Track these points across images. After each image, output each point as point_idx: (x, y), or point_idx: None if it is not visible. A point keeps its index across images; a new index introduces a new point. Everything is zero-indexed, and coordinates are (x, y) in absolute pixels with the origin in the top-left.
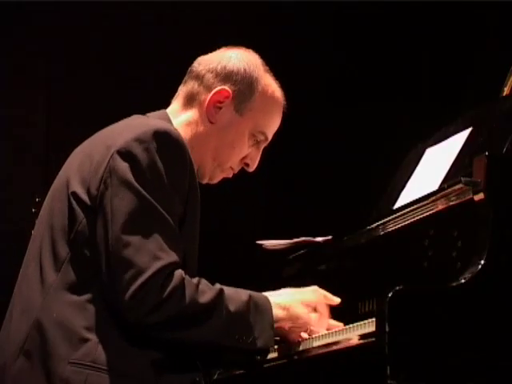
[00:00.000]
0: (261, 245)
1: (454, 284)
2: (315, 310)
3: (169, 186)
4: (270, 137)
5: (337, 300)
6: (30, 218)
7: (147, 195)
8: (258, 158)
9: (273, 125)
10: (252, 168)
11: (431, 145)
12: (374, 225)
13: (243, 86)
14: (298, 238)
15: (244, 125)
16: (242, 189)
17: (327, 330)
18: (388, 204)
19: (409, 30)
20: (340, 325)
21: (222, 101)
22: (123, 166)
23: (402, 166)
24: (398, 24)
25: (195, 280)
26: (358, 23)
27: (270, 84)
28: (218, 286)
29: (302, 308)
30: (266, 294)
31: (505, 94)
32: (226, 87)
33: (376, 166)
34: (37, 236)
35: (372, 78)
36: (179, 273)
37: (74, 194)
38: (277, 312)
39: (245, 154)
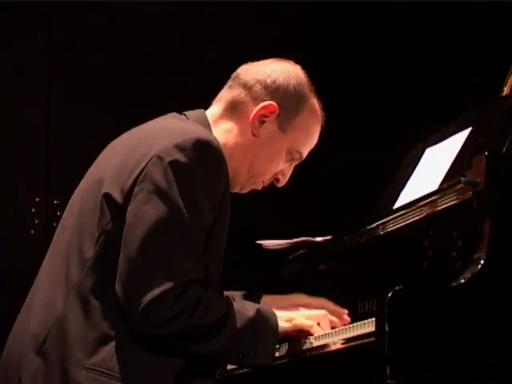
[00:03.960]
0: (261, 245)
1: (454, 284)
2: (318, 324)
3: (203, 197)
4: (304, 156)
5: (341, 319)
6: (30, 218)
7: (177, 207)
8: (289, 175)
9: (311, 145)
10: (282, 183)
11: (431, 145)
12: (374, 225)
13: (290, 104)
14: (297, 237)
15: (285, 142)
16: None
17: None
18: (388, 204)
19: (409, 30)
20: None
21: (267, 115)
22: (160, 172)
23: (402, 165)
24: (398, 24)
25: (209, 296)
26: (358, 23)
27: (314, 104)
28: (228, 301)
29: (306, 320)
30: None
31: (505, 93)
32: (274, 102)
33: (376, 166)
34: (66, 232)
35: (372, 78)
36: (195, 290)
37: (107, 195)
38: (282, 324)
39: (279, 170)
